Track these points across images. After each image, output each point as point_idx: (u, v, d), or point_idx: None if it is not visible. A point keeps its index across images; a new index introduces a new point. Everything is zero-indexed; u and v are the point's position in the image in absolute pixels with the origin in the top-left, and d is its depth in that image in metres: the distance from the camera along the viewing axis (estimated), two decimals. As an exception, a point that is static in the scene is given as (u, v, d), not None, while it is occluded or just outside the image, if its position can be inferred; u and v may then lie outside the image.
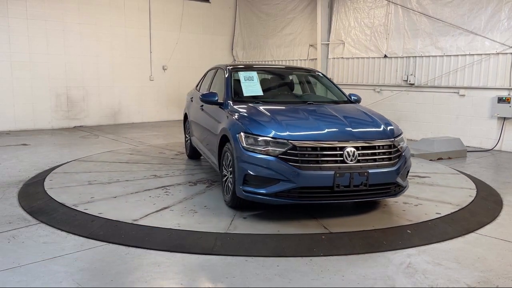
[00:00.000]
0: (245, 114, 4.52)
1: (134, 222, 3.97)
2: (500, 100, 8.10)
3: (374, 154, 4.08)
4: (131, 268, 3.18)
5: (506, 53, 8.08)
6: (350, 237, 3.77)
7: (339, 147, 3.97)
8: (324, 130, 4.15)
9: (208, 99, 5.10)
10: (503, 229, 4.12)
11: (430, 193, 5.12)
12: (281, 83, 6.07)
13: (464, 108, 8.78)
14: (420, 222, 4.16)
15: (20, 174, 5.86)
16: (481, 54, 8.43)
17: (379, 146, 4.12)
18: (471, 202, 4.84)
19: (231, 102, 4.92)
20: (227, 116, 4.67)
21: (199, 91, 6.62)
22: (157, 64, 12.15)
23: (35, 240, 3.64)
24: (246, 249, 3.53)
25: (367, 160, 4.02)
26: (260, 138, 4.03)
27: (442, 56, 8.99)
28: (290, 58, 12.38)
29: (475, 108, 8.60)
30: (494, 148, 8.35)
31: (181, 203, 4.57)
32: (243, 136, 4.12)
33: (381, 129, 4.36)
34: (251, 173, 3.98)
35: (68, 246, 3.52)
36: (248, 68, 5.75)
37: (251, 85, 5.33)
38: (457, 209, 4.58)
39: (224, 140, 4.58)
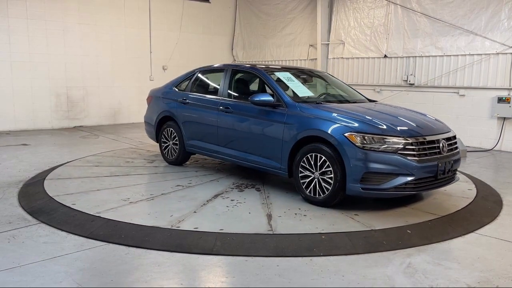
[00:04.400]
0: (340, 115, 4.55)
1: (275, 233, 3.80)
2: (500, 100, 8.11)
3: (451, 144, 4.68)
4: (131, 268, 3.18)
5: (506, 53, 8.08)
6: (350, 237, 3.77)
7: (436, 140, 4.46)
8: (419, 126, 4.59)
9: (261, 100, 4.98)
10: (503, 229, 4.13)
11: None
12: (308, 84, 5.99)
13: (464, 108, 8.78)
14: (420, 222, 4.16)
15: (20, 174, 5.86)
16: (481, 54, 8.43)
17: (452, 137, 4.74)
18: (471, 202, 4.84)
19: (297, 104, 4.88)
20: (305, 117, 4.67)
21: (190, 92, 6.21)
22: (157, 64, 12.15)
23: (35, 240, 3.64)
24: (246, 249, 3.53)
25: (449, 150, 4.59)
26: (377, 137, 4.23)
27: (442, 56, 8.99)
28: (290, 58, 12.37)
29: (475, 108, 8.60)
30: (494, 148, 8.35)
31: (274, 210, 4.42)
32: (355, 136, 4.23)
33: (443, 123, 5.04)
34: (372, 170, 4.17)
35: (68, 246, 3.52)
36: (272, 68, 5.80)
37: (297, 86, 5.41)
38: (457, 209, 4.59)
39: (304, 141, 4.62)
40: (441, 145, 4.46)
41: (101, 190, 5.01)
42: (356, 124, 4.36)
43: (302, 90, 5.35)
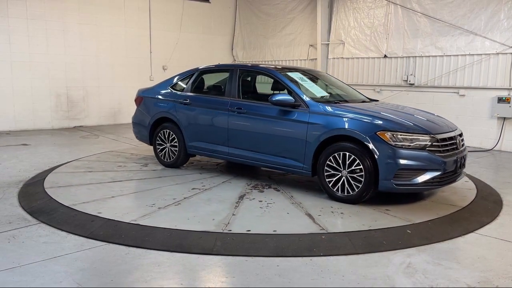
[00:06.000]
0: (365, 114, 4.66)
1: (329, 232, 3.84)
2: (500, 100, 8.11)
3: (462, 140, 4.93)
4: (131, 268, 3.18)
5: (506, 53, 8.08)
6: (350, 237, 3.77)
7: (453, 136, 4.70)
8: (437, 124, 4.81)
9: (281, 100, 4.95)
10: (503, 229, 4.13)
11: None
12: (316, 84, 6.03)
13: (464, 108, 8.78)
14: (420, 222, 4.16)
15: (20, 174, 5.86)
16: (481, 54, 8.43)
17: (461, 134, 4.96)
18: (471, 202, 4.85)
19: (319, 103, 4.91)
20: (331, 117, 4.70)
21: (191, 92, 6.06)
22: (157, 64, 12.15)
23: (35, 240, 3.64)
24: (246, 249, 3.53)
25: (461, 146, 4.84)
26: (407, 134, 4.41)
27: (442, 56, 8.99)
28: (290, 58, 12.37)
29: (475, 108, 8.60)
30: (494, 148, 8.35)
31: (310, 210, 4.42)
32: (387, 134, 4.37)
33: (449, 122, 5.20)
34: (405, 167, 4.32)
35: (68, 246, 3.53)
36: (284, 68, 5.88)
37: (311, 86, 5.42)
38: (457, 209, 4.59)
39: (329, 141, 4.66)
40: (457, 141, 4.71)
41: (116, 197, 4.76)
42: (386, 123, 4.49)
43: (317, 90, 5.38)
